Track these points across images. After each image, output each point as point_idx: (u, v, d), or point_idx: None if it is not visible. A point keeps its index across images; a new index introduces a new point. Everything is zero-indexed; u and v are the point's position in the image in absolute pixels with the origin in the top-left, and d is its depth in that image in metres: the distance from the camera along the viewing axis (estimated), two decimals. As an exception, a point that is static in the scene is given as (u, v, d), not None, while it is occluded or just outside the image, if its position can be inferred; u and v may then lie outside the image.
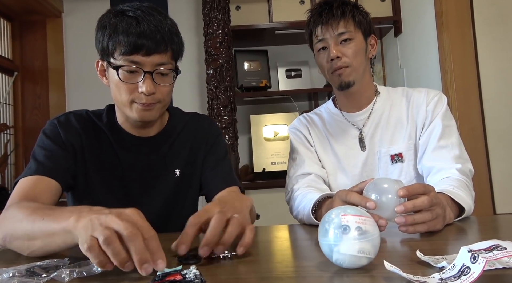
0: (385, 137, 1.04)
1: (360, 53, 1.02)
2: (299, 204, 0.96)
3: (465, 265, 0.42)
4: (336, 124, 1.10)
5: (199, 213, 0.59)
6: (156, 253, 0.49)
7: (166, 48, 0.79)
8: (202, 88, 2.48)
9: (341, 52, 1.00)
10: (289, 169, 1.11)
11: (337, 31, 1.00)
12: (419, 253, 0.51)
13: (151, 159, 0.92)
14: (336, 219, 0.48)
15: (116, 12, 0.80)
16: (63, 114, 0.91)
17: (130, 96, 0.80)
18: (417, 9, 2.17)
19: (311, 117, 1.16)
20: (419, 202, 0.65)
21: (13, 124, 2.41)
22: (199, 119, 1.01)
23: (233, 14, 2.36)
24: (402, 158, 1.02)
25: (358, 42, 1.02)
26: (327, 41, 1.01)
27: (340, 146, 1.07)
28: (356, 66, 1.01)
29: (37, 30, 2.48)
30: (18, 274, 0.52)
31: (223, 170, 0.96)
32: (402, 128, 1.04)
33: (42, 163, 0.81)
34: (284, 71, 2.59)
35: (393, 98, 1.08)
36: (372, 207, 0.65)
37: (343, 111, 1.11)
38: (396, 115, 1.06)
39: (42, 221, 0.61)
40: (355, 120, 1.08)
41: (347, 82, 1.02)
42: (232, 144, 2.21)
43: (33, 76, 2.47)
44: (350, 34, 1.00)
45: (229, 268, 0.54)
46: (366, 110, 1.08)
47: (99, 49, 0.82)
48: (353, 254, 0.47)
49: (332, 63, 1.01)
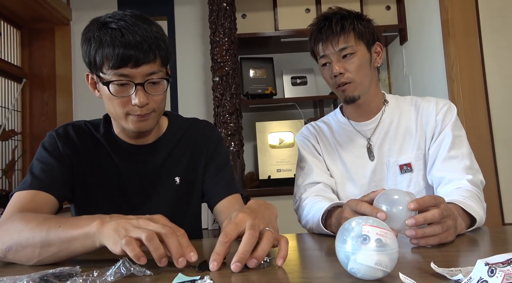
0: (393, 147, 1.03)
1: (363, 66, 1.01)
2: (308, 212, 0.95)
3: (482, 278, 0.41)
4: (344, 133, 1.10)
5: (230, 228, 0.58)
6: (187, 248, 0.57)
7: (154, 57, 0.78)
8: (208, 95, 2.49)
9: (343, 68, 0.99)
10: (297, 178, 1.11)
11: (338, 47, 0.99)
12: (433, 265, 0.50)
13: (149, 166, 0.91)
14: (356, 228, 0.48)
15: (99, 24, 0.78)
16: (62, 126, 0.91)
17: (124, 109, 0.79)
18: (422, 18, 2.18)
19: (319, 126, 1.15)
20: (430, 215, 0.65)
21: (21, 131, 2.43)
22: (200, 125, 1.00)
23: (239, 22, 2.38)
24: (411, 168, 1.01)
25: (361, 54, 1.00)
26: (329, 57, 1.01)
27: (348, 155, 1.07)
28: (360, 80, 1.01)
29: (46, 38, 2.52)
30: (32, 282, 0.52)
31: (225, 177, 0.95)
32: (411, 138, 1.03)
33: (38, 177, 0.81)
34: (290, 78, 2.61)
35: (402, 107, 1.07)
36: (383, 218, 0.64)
37: (351, 121, 1.10)
38: (405, 125, 1.05)
39: (59, 228, 0.62)
40: (363, 130, 1.08)
41: (352, 97, 1.02)
42: (237, 151, 2.22)
43: (41, 83, 2.49)
44: (352, 49, 0.99)
45: (243, 277, 0.54)
46: (374, 120, 1.07)
47: (87, 63, 0.81)
48: (370, 265, 0.46)
49: (336, 79, 1.01)
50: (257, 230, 0.58)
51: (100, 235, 0.59)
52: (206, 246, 0.84)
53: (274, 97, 2.51)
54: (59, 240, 0.62)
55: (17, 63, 2.44)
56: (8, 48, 2.37)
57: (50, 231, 0.63)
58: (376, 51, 1.06)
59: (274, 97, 2.51)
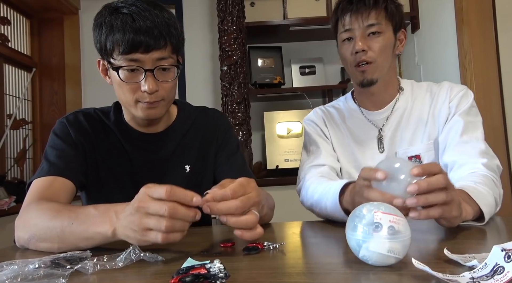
0: (405, 137, 0.99)
1: (387, 48, 0.95)
2: (313, 192, 0.91)
3: (499, 264, 0.41)
4: (354, 121, 1.06)
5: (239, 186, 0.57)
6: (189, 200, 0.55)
7: (165, 43, 0.77)
8: (216, 84, 2.48)
9: (367, 45, 0.94)
10: (302, 160, 1.07)
11: (367, 22, 0.93)
12: (446, 252, 0.49)
13: (160, 155, 0.91)
14: (368, 215, 0.47)
15: (111, 9, 0.78)
16: (72, 113, 0.91)
17: (134, 96, 0.79)
18: (435, 5, 2.13)
19: (328, 110, 1.11)
20: (434, 179, 0.58)
21: (31, 120, 2.46)
22: (209, 113, 1.00)
23: (247, 11, 2.35)
24: (420, 160, 0.96)
25: (387, 36, 0.95)
26: (354, 31, 0.95)
27: (358, 144, 1.03)
28: (381, 63, 0.95)
29: (55, 27, 2.52)
30: (43, 265, 0.53)
31: (236, 164, 0.95)
32: (422, 127, 0.99)
33: (55, 164, 0.82)
34: (298, 68, 2.58)
35: (416, 95, 1.03)
36: (382, 177, 0.59)
37: (362, 108, 1.06)
38: (418, 113, 1.00)
39: (71, 225, 0.63)
40: (375, 119, 1.04)
41: (370, 80, 0.96)
42: (245, 141, 2.21)
43: (51, 73, 2.51)
44: (380, 27, 0.94)
45: (252, 262, 0.54)
46: (387, 109, 1.03)
47: (98, 49, 0.81)
48: (382, 252, 0.46)
49: (356, 56, 0.95)
50: (259, 196, 0.58)
51: (116, 237, 0.60)
52: (216, 233, 0.84)
53: (282, 86, 2.48)
54: (74, 237, 0.63)
55: (27, 53, 2.45)
56: (18, 38, 2.38)
57: (64, 228, 0.63)
58: (399, 38, 1.00)
59: (282, 86, 2.48)
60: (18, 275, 0.48)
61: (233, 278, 0.45)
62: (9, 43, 2.28)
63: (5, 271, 0.49)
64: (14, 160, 2.27)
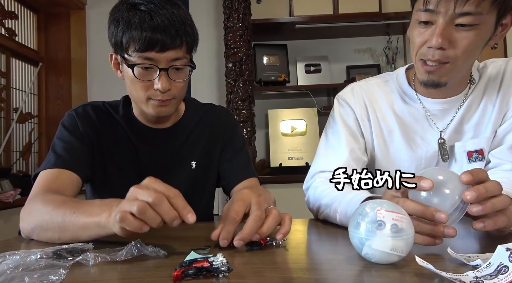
0: (468, 129, 0.80)
1: (478, 45, 0.71)
2: (329, 200, 0.78)
3: (503, 263, 0.40)
4: (407, 111, 0.83)
5: (238, 206, 0.58)
6: (183, 209, 0.53)
7: (181, 42, 0.77)
8: (221, 81, 2.48)
9: (449, 41, 0.69)
10: (319, 150, 0.89)
11: (461, 8, 0.66)
12: (450, 250, 0.49)
13: (167, 150, 0.92)
14: (371, 213, 0.47)
15: (129, 5, 0.78)
16: (81, 105, 0.92)
17: (146, 93, 0.79)
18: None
19: (372, 93, 0.86)
20: (490, 185, 0.49)
21: (37, 114, 2.47)
22: (216, 110, 1.00)
23: (253, 8, 2.34)
24: (483, 155, 0.78)
25: (485, 29, 0.69)
26: (437, 16, 0.68)
27: (408, 146, 0.82)
28: (462, 63, 0.72)
29: (61, 22, 2.53)
30: (45, 256, 0.53)
31: (241, 161, 0.96)
32: (487, 115, 0.79)
33: (62, 156, 0.82)
34: (303, 66, 2.57)
35: (488, 79, 0.81)
36: (428, 186, 0.49)
37: (419, 94, 0.82)
38: (485, 100, 0.80)
39: (73, 214, 0.63)
40: (435, 110, 0.81)
41: (437, 83, 0.75)
42: (249, 138, 2.21)
43: (57, 67, 2.52)
44: (476, 19, 0.67)
45: (255, 257, 0.54)
46: (454, 100, 0.80)
47: (113, 44, 0.81)
48: (385, 251, 0.45)
49: (429, 51, 0.71)
50: (263, 210, 0.58)
51: (110, 225, 0.58)
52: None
53: (287, 84, 2.48)
54: (74, 227, 0.62)
55: (34, 47, 2.47)
56: (25, 32, 2.40)
57: (65, 216, 0.63)
58: (502, 23, 0.72)
59: (287, 84, 2.48)
60: (19, 265, 0.48)
61: (235, 272, 0.45)
62: (16, 37, 2.30)
63: (7, 261, 0.49)
64: (20, 153, 2.29)
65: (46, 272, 0.46)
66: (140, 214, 0.52)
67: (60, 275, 0.45)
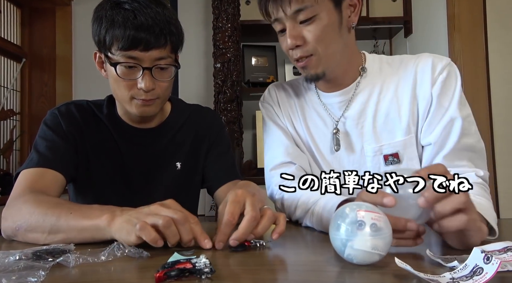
0: (373, 129, 0.81)
1: (329, 31, 0.76)
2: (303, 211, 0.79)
3: (478, 265, 0.41)
4: (310, 104, 0.89)
5: (233, 207, 0.58)
6: (201, 235, 0.57)
7: (165, 41, 0.76)
8: (209, 82, 2.47)
9: (300, 37, 0.76)
10: (265, 158, 0.94)
11: (290, 8, 0.73)
12: (429, 252, 0.50)
13: (151, 150, 0.91)
14: (351, 214, 0.48)
15: (113, 3, 0.77)
16: (64, 104, 0.90)
17: (130, 92, 0.79)
18: (428, 11, 2.15)
19: (284, 87, 0.94)
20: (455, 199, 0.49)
21: (20, 111, 2.41)
22: (202, 112, 1.00)
23: (242, 9, 2.34)
24: (398, 159, 0.79)
25: (325, 16, 0.75)
26: (285, 22, 0.76)
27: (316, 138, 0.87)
28: (324, 52, 0.76)
29: (46, 18, 2.48)
30: (24, 257, 0.52)
31: (226, 163, 0.96)
32: (396, 116, 0.80)
33: (45, 155, 0.80)
34: (292, 68, 2.58)
35: (385, 75, 0.83)
36: (391, 204, 0.50)
37: (318, 90, 0.88)
38: (390, 98, 0.81)
39: (70, 215, 0.62)
40: (331, 103, 0.86)
41: (314, 75, 0.79)
42: (237, 139, 2.21)
43: (41, 64, 2.47)
44: (311, 10, 0.73)
45: (238, 258, 0.54)
46: (346, 91, 0.84)
47: (96, 42, 0.79)
48: (366, 250, 0.46)
49: (293, 53, 0.78)
50: (258, 210, 0.59)
51: (110, 229, 0.58)
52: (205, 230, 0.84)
53: (275, 86, 2.49)
54: (68, 227, 0.61)
55: (17, 42, 2.41)
56: (8, 27, 2.34)
57: (60, 217, 0.62)
58: (350, 3, 0.78)
59: (275, 86, 2.49)
60: (-3, 266, 0.47)
61: (218, 274, 0.45)
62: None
63: (-15, 262, 0.48)
64: (0, 151, 2.23)
65: (25, 274, 0.45)
66: (164, 228, 0.54)
67: (39, 277, 0.45)
